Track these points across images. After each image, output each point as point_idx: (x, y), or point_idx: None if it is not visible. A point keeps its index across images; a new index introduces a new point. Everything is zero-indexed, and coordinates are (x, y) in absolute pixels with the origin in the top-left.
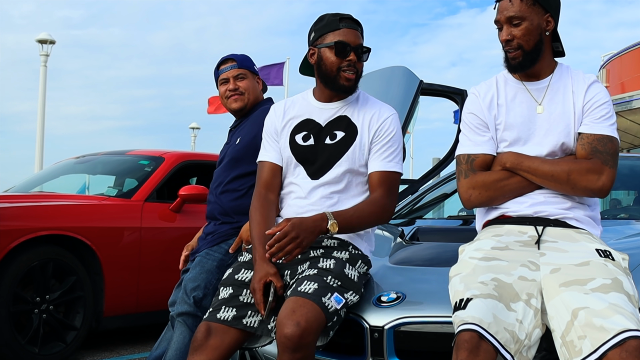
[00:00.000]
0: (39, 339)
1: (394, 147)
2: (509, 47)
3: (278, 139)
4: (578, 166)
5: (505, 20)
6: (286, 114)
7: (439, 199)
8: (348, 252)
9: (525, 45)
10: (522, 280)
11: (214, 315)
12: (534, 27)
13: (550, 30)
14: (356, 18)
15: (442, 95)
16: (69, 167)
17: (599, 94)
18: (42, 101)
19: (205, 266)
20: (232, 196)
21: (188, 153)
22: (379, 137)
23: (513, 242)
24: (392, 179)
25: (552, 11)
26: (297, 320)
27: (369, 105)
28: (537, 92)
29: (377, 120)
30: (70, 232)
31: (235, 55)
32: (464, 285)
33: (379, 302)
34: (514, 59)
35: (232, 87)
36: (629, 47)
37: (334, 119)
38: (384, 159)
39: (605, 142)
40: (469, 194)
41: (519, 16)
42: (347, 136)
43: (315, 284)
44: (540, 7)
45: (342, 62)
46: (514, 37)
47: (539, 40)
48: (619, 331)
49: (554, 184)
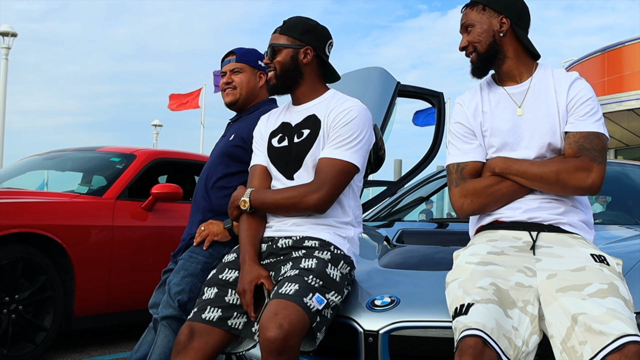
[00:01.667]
0: (8, 339)
1: (345, 135)
2: (467, 52)
3: (263, 144)
4: (566, 165)
5: (462, 30)
6: (269, 121)
7: (417, 201)
8: (330, 252)
9: (479, 47)
10: (519, 286)
11: (198, 315)
12: (484, 30)
13: (506, 31)
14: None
15: (419, 97)
16: (36, 163)
17: (582, 91)
18: (2, 96)
19: (189, 269)
20: (222, 193)
21: (160, 150)
22: (333, 125)
23: (508, 248)
24: (331, 167)
25: (507, 12)
26: (279, 322)
27: (335, 100)
28: (517, 96)
29: (336, 111)
30: (40, 230)
31: (238, 49)
32: (463, 291)
33: (372, 306)
34: (472, 62)
35: (225, 80)
36: (590, 54)
37: (303, 119)
38: (329, 146)
39: (591, 139)
40: (460, 203)
41: (470, 22)
42: (312, 132)
43: (296, 285)
44: (492, 10)
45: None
46: (468, 42)
47: (493, 42)
48: (618, 336)
49: (544, 185)
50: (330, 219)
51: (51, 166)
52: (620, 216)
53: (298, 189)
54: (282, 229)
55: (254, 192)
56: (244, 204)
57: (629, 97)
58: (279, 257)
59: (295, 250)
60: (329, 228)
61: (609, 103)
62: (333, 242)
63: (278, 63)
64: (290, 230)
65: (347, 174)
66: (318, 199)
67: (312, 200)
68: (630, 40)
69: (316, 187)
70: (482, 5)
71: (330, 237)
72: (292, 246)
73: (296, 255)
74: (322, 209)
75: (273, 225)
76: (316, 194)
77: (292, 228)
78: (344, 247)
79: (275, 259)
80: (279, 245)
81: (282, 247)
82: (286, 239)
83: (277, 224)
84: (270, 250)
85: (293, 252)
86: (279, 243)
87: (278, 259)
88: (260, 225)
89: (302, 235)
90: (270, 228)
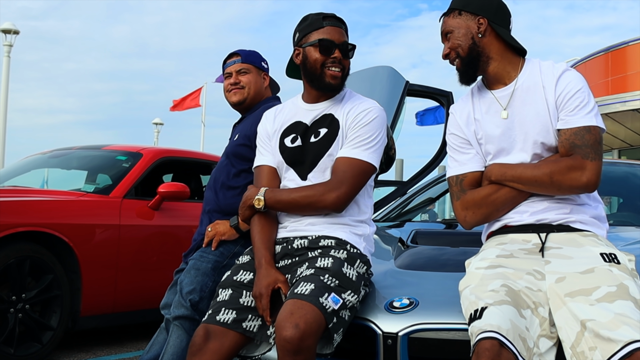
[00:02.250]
0: (15, 339)
1: (365, 135)
2: (450, 59)
3: (271, 143)
4: (558, 166)
5: (443, 39)
6: (276, 119)
7: (427, 202)
8: (346, 251)
9: (461, 52)
10: (528, 289)
11: (213, 317)
12: (462, 33)
13: (484, 31)
14: (340, 17)
15: (428, 97)
16: (41, 161)
17: (570, 83)
18: (4, 93)
19: (200, 269)
20: (230, 193)
21: (166, 149)
22: (352, 126)
23: (517, 250)
24: (350, 167)
25: (484, 13)
26: (295, 322)
27: (353, 100)
28: (504, 99)
29: (355, 111)
30: (48, 229)
31: (241, 51)
32: (476, 296)
33: (391, 307)
34: (458, 69)
35: (232, 81)
36: (593, 54)
37: (319, 117)
38: (348, 146)
39: (582, 135)
40: (463, 216)
41: (449, 29)
42: (329, 132)
43: (312, 285)
44: (468, 13)
45: (326, 59)
46: (450, 49)
47: (473, 44)
48: (627, 342)
49: (540, 188)
50: (346, 217)
51: (56, 164)
52: (633, 217)
53: (316, 187)
54: (297, 228)
55: (268, 191)
56: (259, 203)
57: (633, 97)
58: (294, 258)
59: (311, 251)
60: (345, 227)
61: (613, 103)
62: (349, 240)
63: (348, 65)
64: (305, 230)
65: (365, 174)
66: (337, 198)
67: (330, 199)
68: (634, 40)
69: (335, 185)
70: (458, 10)
71: (346, 235)
72: (307, 247)
73: (312, 255)
74: (340, 208)
75: (288, 226)
76: (334, 193)
77: (307, 228)
78: (360, 245)
79: (290, 260)
80: (294, 245)
81: (298, 247)
82: (302, 239)
83: (292, 224)
84: (286, 251)
85: (309, 253)
86: (294, 244)
87: (293, 260)
88: (273, 227)
89: (317, 235)
90: (285, 228)
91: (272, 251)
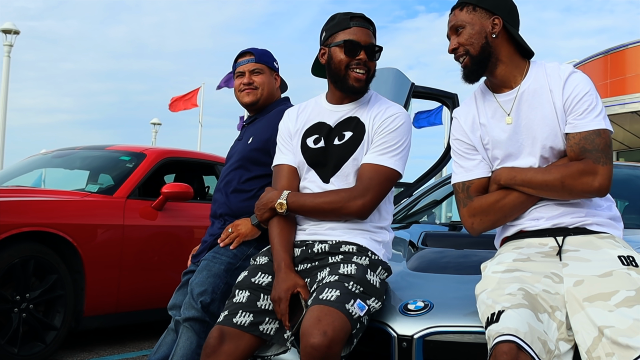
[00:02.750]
0: (19, 339)
1: (392, 142)
2: (457, 55)
3: (292, 142)
4: (570, 171)
5: (451, 31)
6: (299, 118)
7: (432, 204)
8: (368, 257)
9: (471, 50)
10: (546, 293)
11: (229, 319)
12: (476, 31)
13: (498, 32)
14: (369, 17)
15: (433, 99)
16: (44, 161)
17: (577, 87)
18: (4, 93)
19: (212, 270)
20: (242, 197)
21: (170, 149)
22: (379, 131)
23: (534, 254)
24: (376, 173)
25: (499, 12)
26: (323, 329)
27: (379, 104)
28: (508, 103)
29: (381, 116)
30: (52, 229)
31: (254, 49)
32: (493, 300)
33: (405, 310)
34: (465, 66)
35: (246, 81)
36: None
37: (343, 120)
38: (374, 152)
39: (592, 139)
40: (470, 223)
41: (460, 24)
42: (355, 135)
43: (337, 291)
44: (483, 10)
45: (351, 60)
46: (459, 44)
47: (485, 43)
48: None
49: (551, 192)
50: (367, 223)
51: (60, 164)
52: None
53: (340, 193)
54: (317, 232)
55: (291, 195)
56: (281, 207)
57: (632, 100)
58: (314, 262)
59: (331, 256)
60: (365, 233)
61: (612, 105)
62: (370, 247)
63: (374, 67)
64: (326, 234)
65: (391, 181)
66: (362, 205)
67: (355, 206)
68: (633, 42)
69: (360, 192)
70: (472, 5)
71: (366, 242)
72: (328, 251)
73: (333, 261)
74: (364, 216)
75: (307, 229)
76: (360, 200)
77: (327, 232)
78: (380, 252)
79: (310, 264)
80: (314, 250)
81: (318, 252)
82: (322, 243)
83: (311, 227)
84: (305, 255)
85: (329, 258)
86: (314, 248)
87: (313, 265)
88: (292, 229)
89: (338, 240)
90: (304, 231)
91: (291, 254)
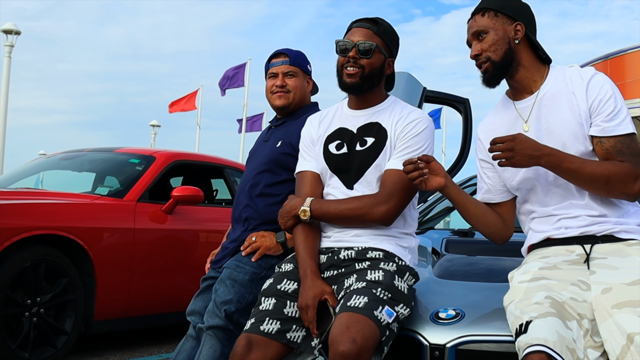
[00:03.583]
0: (30, 343)
1: (415, 147)
2: (479, 61)
3: (315, 149)
4: (616, 169)
5: (472, 37)
6: (321, 124)
7: (445, 210)
8: (395, 263)
9: (493, 56)
10: (573, 301)
11: (256, 327)
12: (500, 36)
13: (521, 38)
14: (377, 17)
15: (445, 103)
16: (52, 163)
17: (602, 89)
18: (5, 94)
19: (237, 280)
20: (269, 201)
21: (179, 153)
22: (402, 136)
23: (561, 262)
24: (399, 179)
25: (521, 18)
26: (352, 336)
27: (400, 109)
28: (526, 110)
29: (404, 121)
30: (63, 232)
31: (289, 51)
32: (520, 311)
33: (437, 318)
34: (486, 71)
35: (279, 83)
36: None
37: (364, 125)
38: (396, 157)
39: (628, 143)
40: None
41: (483, 29)
42: (377, 141)
43: (365, 298)
44: (505, 16)
45: (344, 59)
46: (482, 51)
47: (508, 49)
48: None
49: (592, 185)
50: (393, 229)
51: (67, 167)
52: None
53: (364, 199)
54: (342, 239)
55: (314, 202)
56: (305, 214)
57: (632, 105)
58: (340, 269)
59: (358, 262)
60: (391, 239)
61: None
62: (396, 253)
63: (369, 65)
64: (351, 241)
65: (414, 186)
66: (386, 211)
67: (379, 212)
68: (633, 47)
69: (384, 198)
70: (494, 11)
71: (393, 248)
72: (354, 258)
73: (360, 267)
74: (389, 222)
75: (332, 236)
76: (384, 206)
77: (353, 239)
78: (406, 258)
79: (336, 271)
80: (340, 257)
81: (344, 258)
82: (348, 250)
83: (336, 234)
84: (331, 261)
85: (356, 264)
86: (340, 254)
87: (340, 271)
88: (316, 236)
89: (364, 246)
90: (329, 238)
91: (317, 261)
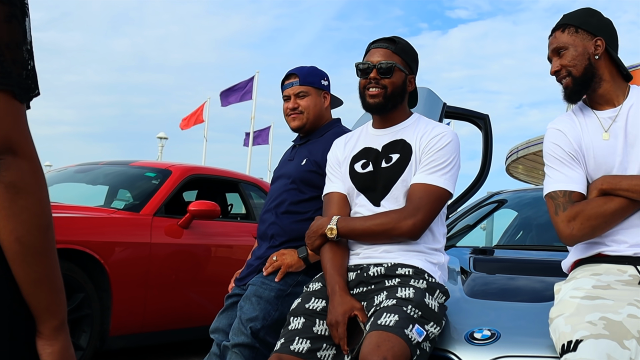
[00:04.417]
0: None
1: (439, 160)
2: (559, 77)
3: (341, 170)
4: None
5: (552, 53)
6: (346, 146)
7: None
8: (425, 280)
9: (574, 71)
10: (632, 318)
11: (286, 346)
12: (579, 52)
13: (601, 53)
14: (393, 36)
15: (465, 119)
16: (66, 176)
17: None
18: None
19: (262, 297)
20: (296, 218)
21: (195, 166)
22: (427, 150)
23: (614, 282)
24: (426, 193)
25: (601, 34)
26: (383, 355)
27: (424, 125)
28: (608, 121)
29: (428, 135)
30: (79, 246)
31: (300, 70)
32: (571, 327)
33: (472, 339)
34: (567, 87)
35: (291, 106)
36: None
37: (389, 143)
38: (422, 172)
39: None
40: (570, 228)
41: (562, 46)
42: (402, 157)
43: (396, 316)
44: (585, 32)
45: (365, 81)
46: (562, 66)
47: (588, 65)
48: None
49: None
50: (421, 245)
51: (82, 179)
52: None
53: (390, 214)
54: (371, 255)
55: (341, 219)
56: (332, 232)
57: None
58: (370, 285)
59: (388, 279)
60: (420, 254)
61: None
62: (426, 269)
63: (392, 84)
64: (380, 257)
65: (441, 200)
66: (413, 225)
67: (406, 227)
68: None
69: (411, 212)
70: (575, 27)
71: (422, 264)
72: (384, 274)
73: (390, 284)
74: (416, 236)
75: (360, 252)
76: (411, 220)
77: (382, 255)
78: (436, 274)
79: (366, 287)
80: (370, 273)
81: (374, 275)
82: (377, 266)
83: (365, 251)
84: (360, 278)
85: (386, 281)
86: (369, 271)
87: (369, 288)
88: (344, 254)
89: (393, 262)
90: (357, 255)
91: (345, 277)
